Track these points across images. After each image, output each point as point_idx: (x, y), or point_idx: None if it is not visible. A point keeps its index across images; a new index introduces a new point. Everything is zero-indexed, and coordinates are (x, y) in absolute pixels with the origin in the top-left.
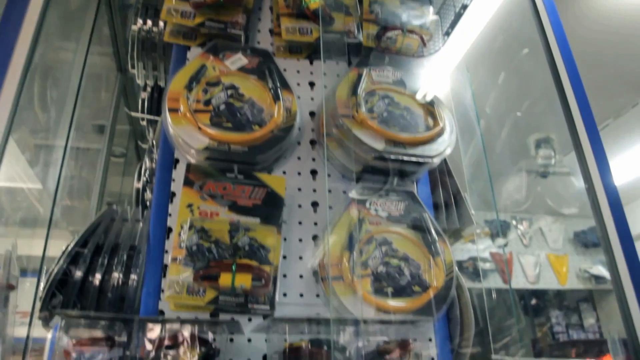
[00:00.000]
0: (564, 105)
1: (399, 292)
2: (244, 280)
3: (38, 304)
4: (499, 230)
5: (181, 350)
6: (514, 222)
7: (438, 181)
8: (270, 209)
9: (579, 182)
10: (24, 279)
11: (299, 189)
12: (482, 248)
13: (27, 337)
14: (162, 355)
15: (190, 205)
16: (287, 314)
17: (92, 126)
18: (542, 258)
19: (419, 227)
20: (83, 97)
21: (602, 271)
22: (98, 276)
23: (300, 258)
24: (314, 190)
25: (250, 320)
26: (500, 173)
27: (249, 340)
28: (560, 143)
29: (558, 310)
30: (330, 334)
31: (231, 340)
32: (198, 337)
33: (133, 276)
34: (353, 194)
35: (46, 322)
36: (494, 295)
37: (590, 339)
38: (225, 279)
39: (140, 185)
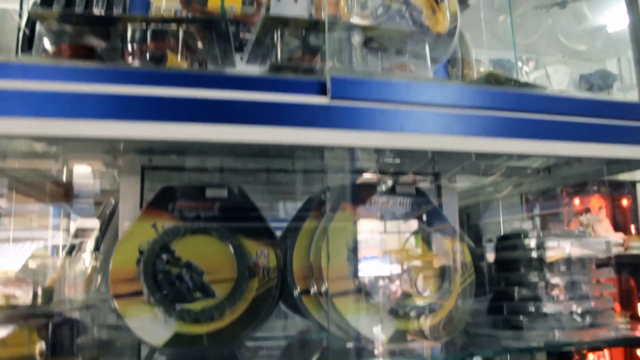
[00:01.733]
0: None
1: None
2: (233, 1)
3: None
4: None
5: (168, 58)
6: (519, 64)
7: None
8: None
9: (593, 17)
10: None
11: None
12: None
13: None
14: (146, 60)
15: None
16: None
17: None
18: None
19: None
20: None
21: None
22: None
23: (295, 1)
24: None
25: (242, 59)
26: None
27: None
28: None
29: None
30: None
31: None
32: (186, 45)
33: (117, 11)
34: None
35: None
36: None
37: None
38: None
39: None
